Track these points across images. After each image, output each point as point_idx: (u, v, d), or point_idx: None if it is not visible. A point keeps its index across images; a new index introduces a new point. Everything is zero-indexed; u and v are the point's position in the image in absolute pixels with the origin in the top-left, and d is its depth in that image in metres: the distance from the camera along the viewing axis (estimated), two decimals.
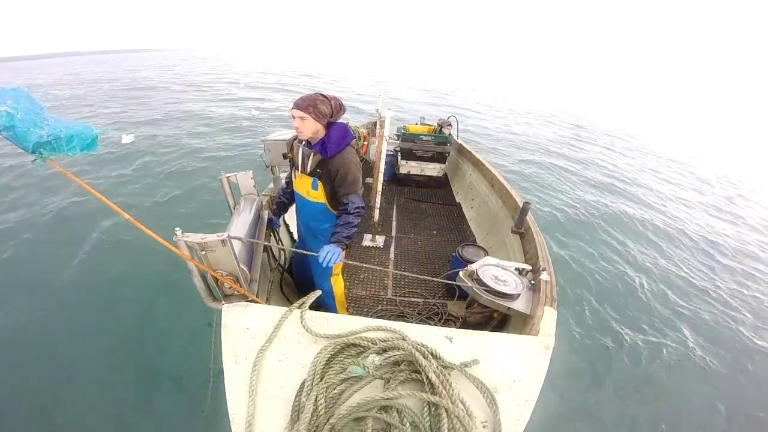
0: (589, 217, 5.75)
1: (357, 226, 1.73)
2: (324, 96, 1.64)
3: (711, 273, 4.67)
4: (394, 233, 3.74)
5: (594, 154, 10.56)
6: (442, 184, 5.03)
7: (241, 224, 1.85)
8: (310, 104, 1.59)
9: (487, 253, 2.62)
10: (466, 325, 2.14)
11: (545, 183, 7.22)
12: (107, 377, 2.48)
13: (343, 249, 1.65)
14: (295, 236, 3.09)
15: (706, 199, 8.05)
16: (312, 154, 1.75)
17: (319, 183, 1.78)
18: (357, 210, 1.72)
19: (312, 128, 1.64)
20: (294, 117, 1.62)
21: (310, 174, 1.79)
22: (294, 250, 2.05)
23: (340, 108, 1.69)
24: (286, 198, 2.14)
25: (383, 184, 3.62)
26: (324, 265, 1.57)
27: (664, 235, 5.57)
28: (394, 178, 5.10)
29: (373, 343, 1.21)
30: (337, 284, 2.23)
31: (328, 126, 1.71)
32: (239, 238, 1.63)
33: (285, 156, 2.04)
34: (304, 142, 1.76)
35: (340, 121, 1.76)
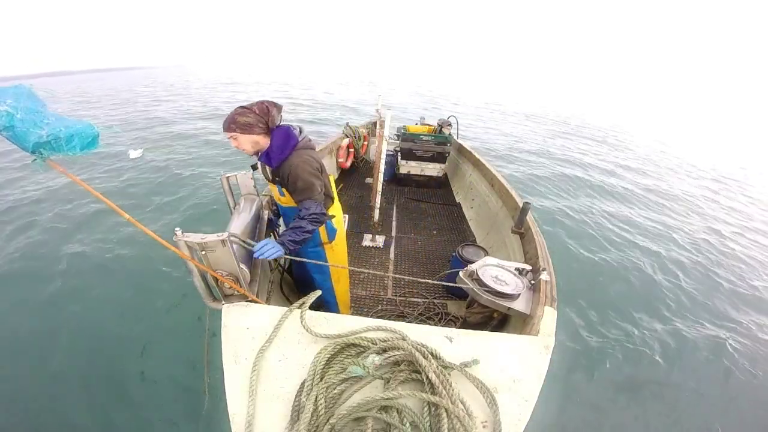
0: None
1: (311, 233, 1.62)
2: (243, 107, 1.58)
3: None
4: (394, 233, 3.74)
5: (586, 147, 11.04)
6: (442, 184, 5.04)
7: (241, 224, 1.85)
8: (230, 122, 1.55)
9: (487, 253, 2.62)
10: (466, 325, 2.13)
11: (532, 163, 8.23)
12: (105, 379, 2.47)
13: (286, 251, 1.55)
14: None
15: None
16: (266, 165, 1.73)
17: (283, 189, 1.75)
18: (312, 216, 1.61)
19: (248, 142, 1.59)
20: (228, 138, 1.60)
21: (273, 182, 1.79)
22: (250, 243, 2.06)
23: (267, 111, 1.58)
24: None
25: (383, 184, 3.63)
26: (256, 255, 1.49)
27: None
28: (394, 178, 5.10)
29: (373, 343, 1.21)
30: (339, 283, 2.23)
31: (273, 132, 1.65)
32: (238, 236, 1.63)
33: (254, 167, 2.00)
34: (259, 155, 1.71)
35: (282, 123, 1.68)
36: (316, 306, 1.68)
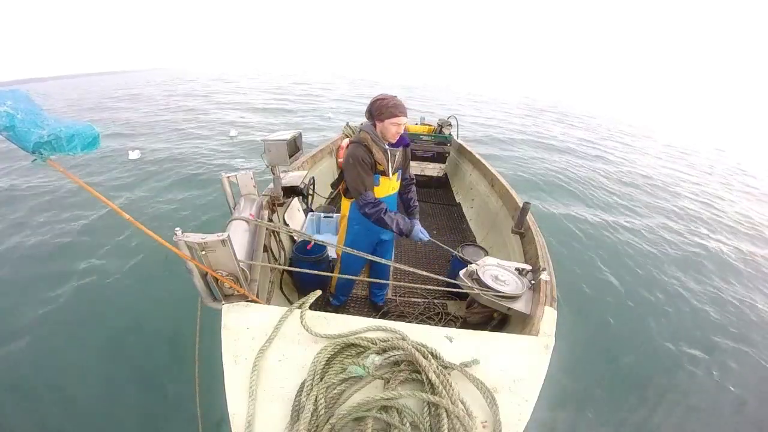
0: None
1: None
2: (393, 95, 1.78)
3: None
4: None
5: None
6: (442, 184, 5.04)
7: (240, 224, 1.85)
8: (404, 107, 1.73)
9: (487, 253, 2.62)
10: (466, 325, 2.13)
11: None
12: (102, 381, 2.46)
13: None
14: (295, 236, 3.08)
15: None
16: (399, 150, 1.91)
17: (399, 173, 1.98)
18: None
19: None
20: (400, 124, 1.73)
21: (396, 170, 1.93)
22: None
23: None
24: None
25: None
26: (425, 238, 1.97)
27: None
28: None
29: (373, 343, 1.21)
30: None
31: None
32: (247, 220, 1.62)
33: (375, 168, 1.82)
34: (389, 144, 1.83)
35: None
36: (316, 307, 1.65)
